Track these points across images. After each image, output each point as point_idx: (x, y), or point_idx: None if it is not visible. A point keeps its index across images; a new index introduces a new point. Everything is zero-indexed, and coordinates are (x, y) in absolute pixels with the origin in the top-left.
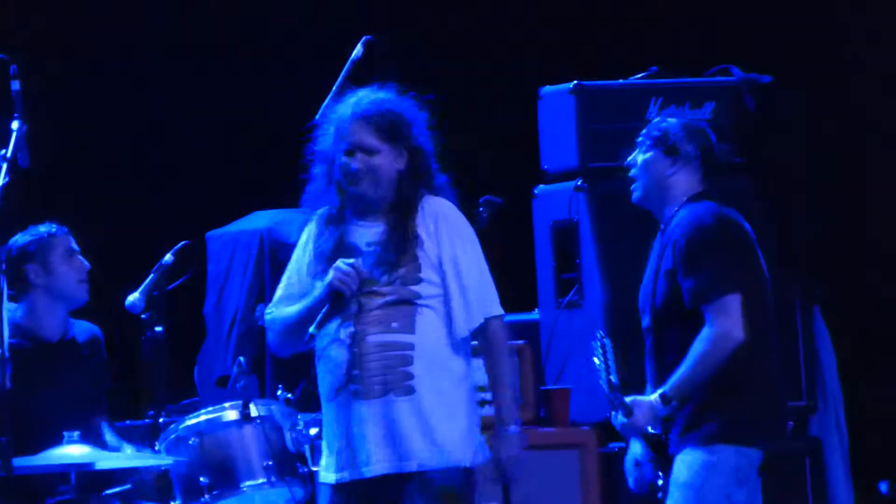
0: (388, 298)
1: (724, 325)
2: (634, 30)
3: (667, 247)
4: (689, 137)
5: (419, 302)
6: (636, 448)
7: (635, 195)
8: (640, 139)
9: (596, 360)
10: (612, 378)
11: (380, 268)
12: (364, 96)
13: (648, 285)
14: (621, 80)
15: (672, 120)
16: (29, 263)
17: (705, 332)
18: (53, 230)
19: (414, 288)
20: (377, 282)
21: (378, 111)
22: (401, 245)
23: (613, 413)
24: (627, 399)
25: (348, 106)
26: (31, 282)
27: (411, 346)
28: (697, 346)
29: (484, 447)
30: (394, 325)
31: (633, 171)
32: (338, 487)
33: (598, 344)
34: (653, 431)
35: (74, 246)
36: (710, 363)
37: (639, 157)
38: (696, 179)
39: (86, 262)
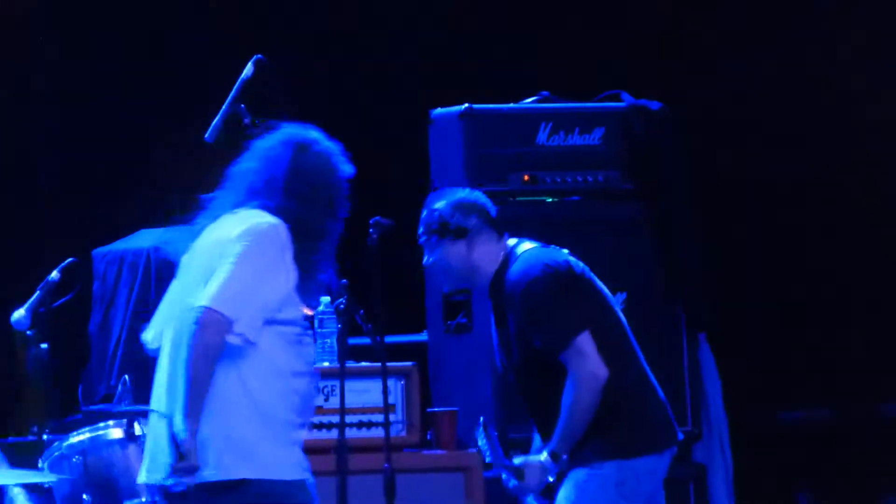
0: None
1: (584, 367)
2: (526, 54)
3: (507, 311)
4: (465, 212)
5: None
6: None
7: (449, 286)
8: (420, 238)
9: (479, 441)
10: (498, 453)
11: None
12: None
13: (503, 347)
14: (511, 105)
15: (440, 204)
16: None
17: (570, 382)
18: None
19: None
20: None
21: None
22: None
23: (504, 476)
24: (517, 461)
25: None
26: None
27: None
28: (568, 396)
29: None
30: None
31: (433, 268)
32: None
33: (481, 428)
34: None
35: None
36: (584, 407)
37: (431, 256)
38: (494, 242)
39: None
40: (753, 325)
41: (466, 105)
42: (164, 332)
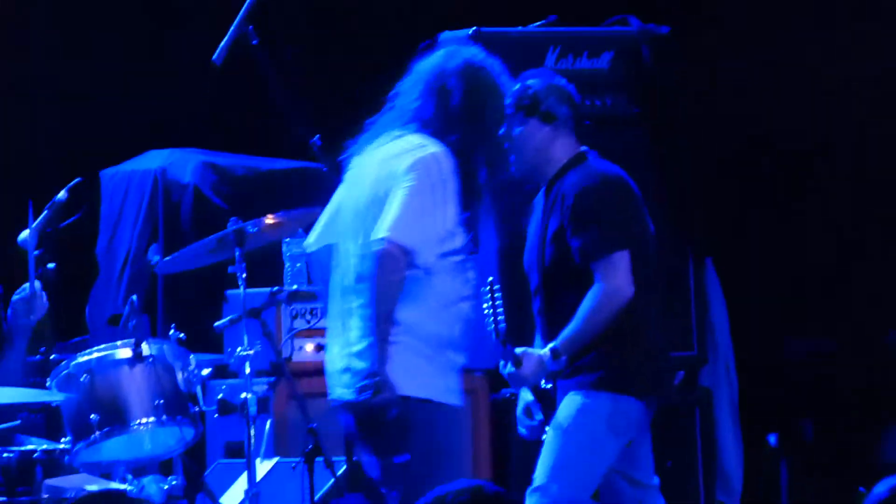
0: None
1: (612, 283)
2: None
3: (554, 208)
4: (559, 99)
5: None
6: (527, 396)
7: (517, 169)
8: (509, 109)
9: (485, 306)
10: (501, 326)
11: None
12: None
13: (534, 246)
14: (520, 28)
15: (535, 82)
16: None
17: (595, 290)
18: None
19: None
20: None
21: None
22: None
23: (502, 362)
24: (518, 350)
25: None
26: None
27: None
28: (587, 303)
29: None
30: None
31: (508, 144)
32: None
33: (488, 290)
34: (543, 385)
35: None
36: (599, 320)
37: (514, 129)
38: (573, 140)
39: None
40: (758, 252)
41: (475, 28)
42: (327, 241)
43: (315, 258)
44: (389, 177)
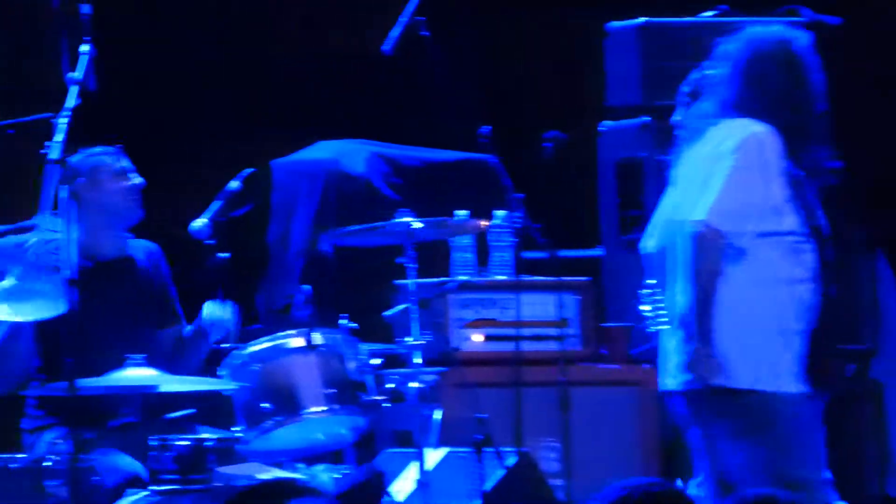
0: None
1: None
2: None
3: None
4: None
5: None
6: None
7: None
8: (685, 94)
9: (648, 308)
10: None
11: None
12: None
13: None
14: (689, 18)
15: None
16: (81, 179)
17: None
18: (104, 150)
19: None
20: None
21: None
22: None
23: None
24: None
25: None
26: (84, 199)
27: None
28: None
29: None
30: None
31: (679, 126)
32: None
33: (648, 291)
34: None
35: (125, 165)
36: None
37: (696, 111)
38: None
39: (136, 180)
40: None
41: (644, 19)
42: (664, 242)
43: (653, 259)
44: (715, 164)
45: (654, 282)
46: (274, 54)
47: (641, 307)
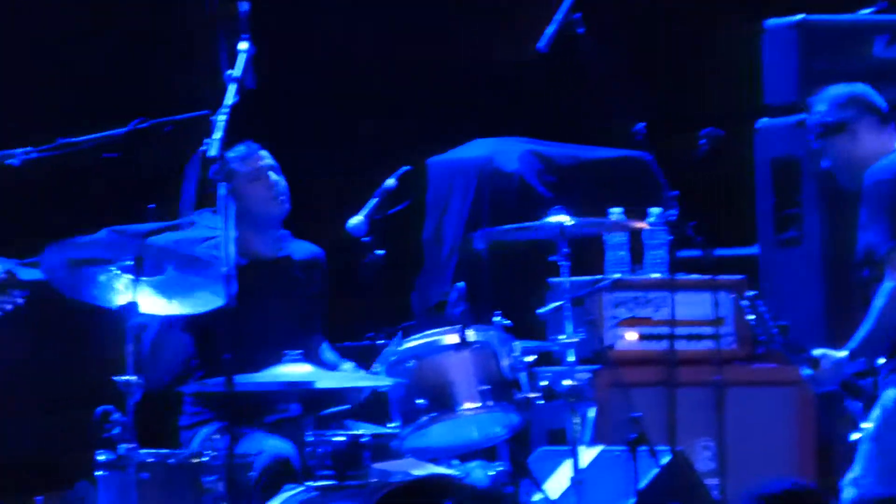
0: None
1: None
2: None
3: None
4: (842, 106)
5: None
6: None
7: (851, 185)
8: (813, 145)
9: (751, 317)
10: (776, 334)
11: None
12: None
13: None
14: (847, 15)
15: (820, 106)
16: (223, 183)
17: (884, 286)
18: (236, 154)
19: None
20: None
21: None
22: None
23: (799, 366)
24: (816, 352)
25: None
26: (232, 202)
27: None
28: (878, 301)
29: None
30: None
31: (833, 170)
32: None
33: (749, 304)
34: (851, 380)
35: (262, 164)
36: (890, 317)
37: (825, 159)
38: (879, 132)
39: (273, 180)
40: None
41: (802, 16)
42: None
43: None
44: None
45: (752, 294)
46: (430, 53)
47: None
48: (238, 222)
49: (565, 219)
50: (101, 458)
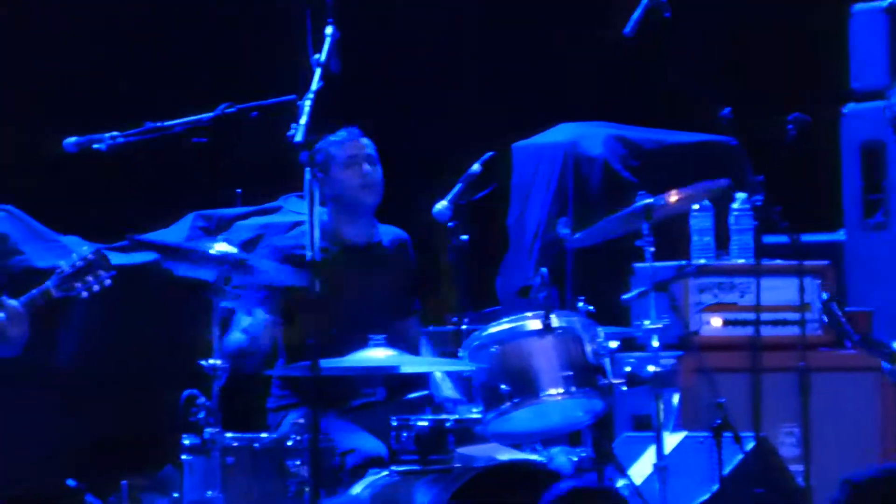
0: None
1: None
2: None
3: None
4: None
5: None
6: None
7: None
8: None
9: (827, 319)
10: (852, 334)
11: None
12: None
13: None
14: None
15: None
16: (318, 173)
17: None
18: (336, 138)
19: None
20: None
21: None
22: None
23: (881, 361)
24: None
25: None
26: (323, 187)
27: None
28: None
29: None
30: None
31: None
32: None
33: (826, 308)
34: None
35: (360, 152)
36: None
37: None
38: None
39: (368, 168)
40: None
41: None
42: None
43: None
44: None
45: (826, 297)
46: (516, 37)
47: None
48: (332, 208)
49: (651, 201)
50: (186, 442)
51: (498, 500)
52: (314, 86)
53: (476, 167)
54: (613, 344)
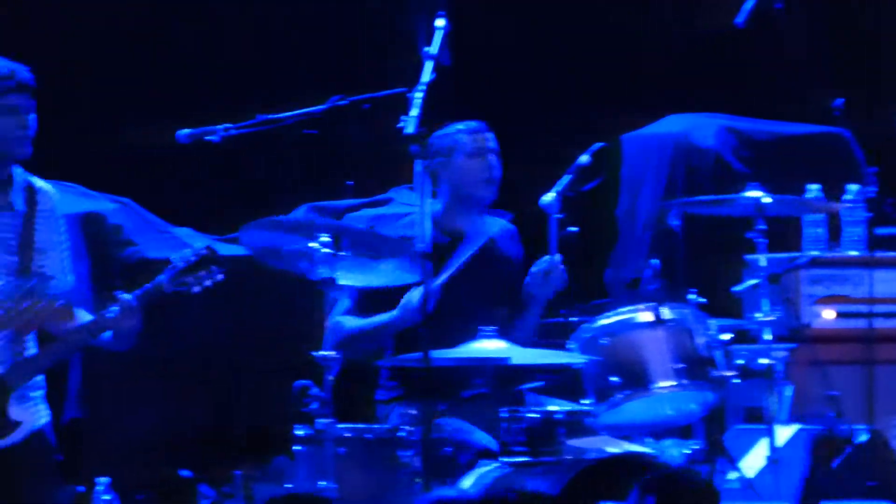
0: None
1: None
2: None
3: None
4: None
5: None
6: None
7: None
8: None
9: None
10: None
11: None
12: None
13: None
14: None
15: None
16: (439, 158)
17: None
18: (464, 127)
19: None
20: None
21: None
22: None
23: None
24: None
25: None
26: (441, 177)
27: None
28: None
29: None
30: None
31: None
32: None
33: None
34: None
35: (486, 145)
36: None
37: None
38: None
39: (492, 162)
40: None
41: None
42: None
43: None
44: None
45: None
46: (626, 28)
47: None
48: (446, 200)
49: (761, 195)
50: (298, 432)
51: (608, 493)
52: (425, 78)
53: (585, 158)
54: (725, 336)
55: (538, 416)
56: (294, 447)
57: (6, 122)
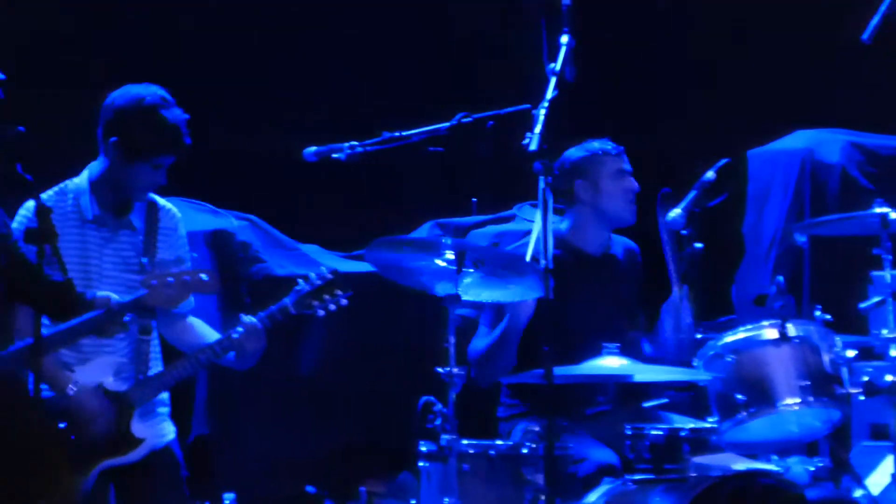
0: None
1: None
2: None
3: None
4: None
5: None
6: None
7: None
8: None
9: None
10: None
11: None
12: None
13: None
14: None
15: None
16: (579, 179)
17: None
18: (607, 148)
19: None
20: None
21: None
22: None
23: None
24: None
25: None
26: (579, 197)
27: None
28: None
29: None
30: None
31: None
32: None
33: None
34: None
35: (626, 166)
36: None
37: None
38: None
39: (635, 184)
40: None
41: None
42: None
43: None
44: None
45: None
46: (751, 44)
47: None
48: (580, 219)
49: (888, 210)
50: (423, 448)
51: None
52: (549, 94)
53: (710, 174)
54: (851, 353)
55: (662, 433)
56: (419, 463)
57: (153, 178)
